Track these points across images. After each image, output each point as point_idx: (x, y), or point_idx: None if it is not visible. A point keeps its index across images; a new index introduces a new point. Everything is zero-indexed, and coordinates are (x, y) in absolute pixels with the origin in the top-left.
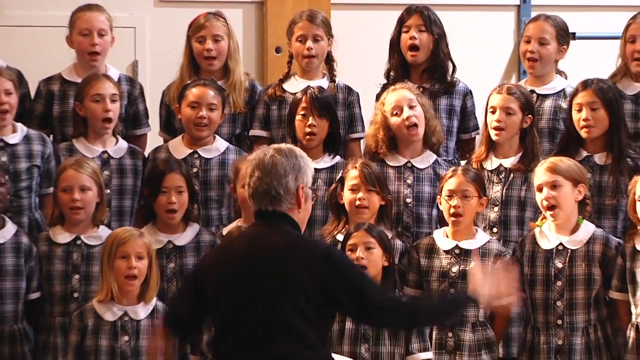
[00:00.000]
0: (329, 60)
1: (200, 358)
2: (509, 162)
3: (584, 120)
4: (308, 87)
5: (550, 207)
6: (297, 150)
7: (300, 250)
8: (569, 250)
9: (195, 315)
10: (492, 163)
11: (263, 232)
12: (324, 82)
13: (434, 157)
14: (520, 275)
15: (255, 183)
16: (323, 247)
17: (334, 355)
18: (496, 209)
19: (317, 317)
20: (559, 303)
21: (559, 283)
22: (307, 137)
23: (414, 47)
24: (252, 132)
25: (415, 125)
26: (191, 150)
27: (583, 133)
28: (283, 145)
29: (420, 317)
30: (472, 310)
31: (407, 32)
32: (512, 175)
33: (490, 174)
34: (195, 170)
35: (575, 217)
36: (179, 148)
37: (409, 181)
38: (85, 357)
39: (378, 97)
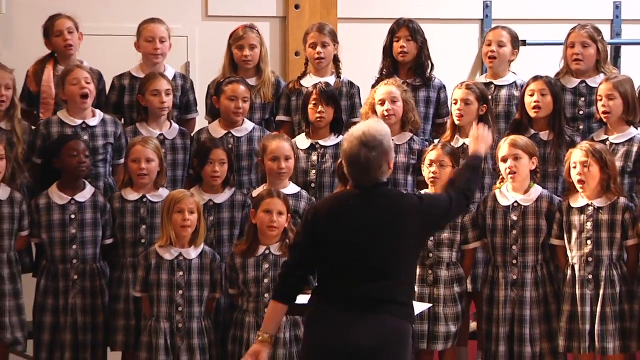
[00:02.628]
0: (336, 61)
1: (237, 291)
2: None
3: (535, 102)
4: (318, 82)
5: (512, 173)
6: (383, 123)
7: (404, 201)
8: (522, 206)
9: (310, 262)
10: (457, 142)
11: (370, 191)
12: (332, 78)
13: (410, 135)
14: (482, 224)
15: (352, 173)
16: (417, 194)
17: None
18: None
19: (415, 261)
20: (514, 247)
21: (514, 231)
22: (317, 120)
23: (403, 53)
24: (278, 118)
25: (390, 115)
26: (226, 131)
27: (532, 113)
28: (366, 132)
29: (469, 193)
30: (446, 253)
31: (397, 41)
32: None
33: (457, 149)
34: (229, 146)
35: (528, 181)
36: (216, 129)
37: None
38: (150, 288)
39: (373, 87)
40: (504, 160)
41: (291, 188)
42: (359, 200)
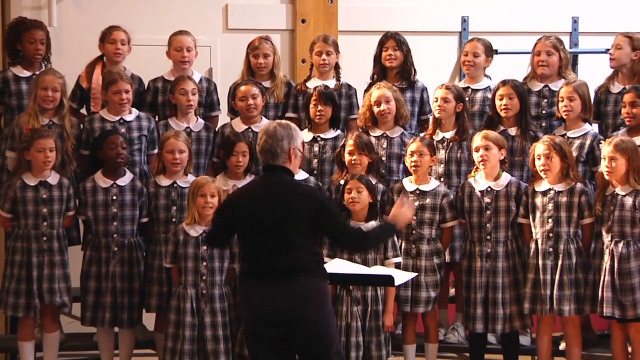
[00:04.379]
0: (337, 67)
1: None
2: (449, 134)
3: (504, 105)
4: (318, 85)
5: (484, 161)
6: (292, 124)
7: (297, 192)
8: (495, 190)
9: (227, 236)
10: (438, 136)
11: (270, 180)
12: (333, 82)
13: (401, 130)
14: (461, 207)
15: (262, 143)
16: (314, 191)
17: (337, 258)
18: (442, 165)
19: (313, 235)
20: (488, 225)
21: (488, 212)
22: (317, 118)
23: (391, 61)
24: (287, 115)
25: (385, 115)
26: (246, 127)
27: (502, 113)
28: (283, 121)
29: (367, 241)
30: (427, 230)
31: (386, 50)
32: (451, 143)
33: (437, 142)
34: (249, 139)
35: (498, 169)
36: (238, 125)
37: (384, 145)
38: (178, 260)
39: (367, 90)
40: (477, 150)
41: (301, 175)
42: (259, 184)
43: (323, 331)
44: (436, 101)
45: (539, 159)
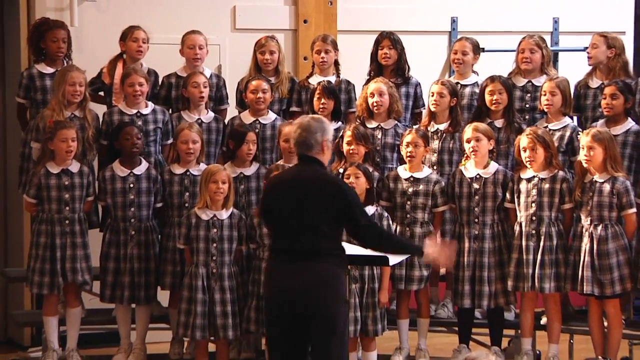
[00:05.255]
0: (336, 64)
1: (255, 245)
2: (443, 126)
3: (495, 100)
4: (321, 80)
5: (474, 151)
6: (325, 119)
7: (326, 183)
8: (483, 177)
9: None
10: (432, 127)
11: (303, 169)
12: (333, 78)
13: (394, 122)
14: (452, 192)
15: (297, 136)
16: (341, 183)
17: (344, 243)
18: (435, 154)
19: (336, 224)
20: (476, 209)
21: (476, 197)
22: (320, 110)
23: (386, 59)
24: (291, 109)
25: (379, 106)
26: (254, 119)
27: (493, 107)
28: (316, 115)
29: (389, 243)
30: (420, 214)
31: (381, 49)
32: (444, 134)
33: (432, 134)
34: (257, 131)
35: (487, 159)
36: (247, 117)
37: (378, 136)
38: (191, 241)
39: (364, 85)
40: (468, 141)
41: None
42: (292, 173)
43: (333, 315)
44: (432, 95)
45: (525, 151)
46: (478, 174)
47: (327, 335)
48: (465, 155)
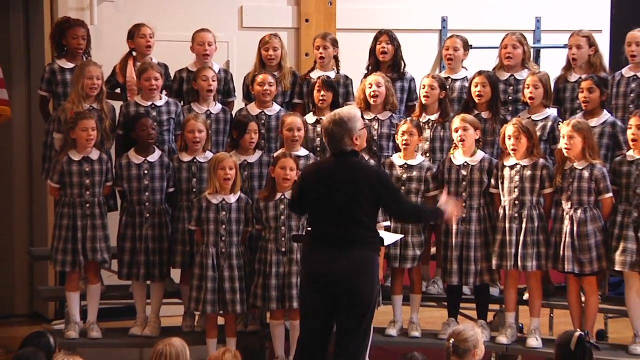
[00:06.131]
0: (336, 59)
1: (261, 226)
2: (434, 117)
3: (478, 92)
4: (321, 75)
5: (462, 140)
6: (353, 109)
7: (362, 172)
8: (470, 165)
9: (302, 206)
10: (424, 118)
11: (339, 160)
12: (333, 73)
13: (390, 113)
14: (442, 178)
15: (329, 130)
16: (376, 170)
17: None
18: (427, 143)
19: (371, 212)
20: (463, 194)
21: (464, 183)
22: (320, 102)
23: (383, 54)
24: (294, 101)
25: (375, 96)
26: (260, 110)
27: (476, 100)
28: (345, 109)
29: (420, 216)
30: (414, 198)
31: (380, 44)
32: (435, 124)
33: (423, 124)
34: (262, 122)
35: (474, 147)
36: (253, 109)
37: (375, 126)
38: (201, 223)
39: (364, 77)
40: (456, 130)
41: (302, 151)
42: (330, 164)
43: (365, 297)
44: (423, 88)
45: (509, 139)
46: (465, 162)
47: (359, 315)
48: (454, 144)
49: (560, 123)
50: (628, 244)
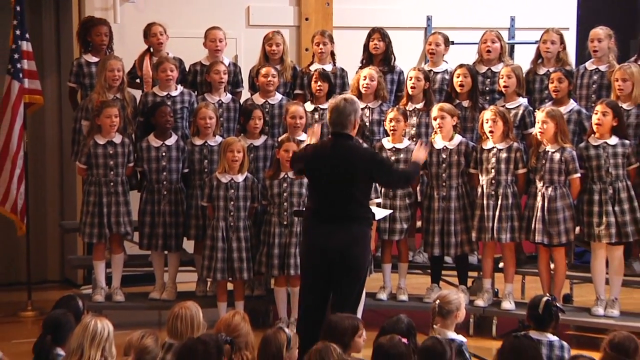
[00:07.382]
0: (332, 54)
1: (267, 202)
2: (419, 105)
3: (460, 82)
4: (318, 68)
5: (441, 128)
6: (355, 99)
7: (358, 153)
8: (449, 148)
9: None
10: (410, 106)
11: (337, 143)
12: (330, 66)
13: (380, 102)
14: (426, 168)
15: (332, 115)
16: (370, 151)
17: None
18: (413, 129)
19: (366, 190)
20: (443, 174)
21: (444, 164)
22: (317, 92)
23: (376, 49)
24: (295, 91)
25: (368, 88)
26: (264, 100)
27: (458, 89)
28: (348, 96)
29: (408, 178)
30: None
31: (372, 41)
32: (420, 112)
33: (410, 112)
34: (266, 109)
35: (452, 132)
36: (258, 99)
37: (367, 113)
38: (213, 200)
39: (358, 71)
40: (435, 119)
41: (303, 136)
42: (330, 147)
43: (360, 266)
44: (410, 80)
45: (487, 122)
46: (445, 146)
47: (353, 281)
48: (434, 130)
49: (530, 111)
50: (610, 218)
